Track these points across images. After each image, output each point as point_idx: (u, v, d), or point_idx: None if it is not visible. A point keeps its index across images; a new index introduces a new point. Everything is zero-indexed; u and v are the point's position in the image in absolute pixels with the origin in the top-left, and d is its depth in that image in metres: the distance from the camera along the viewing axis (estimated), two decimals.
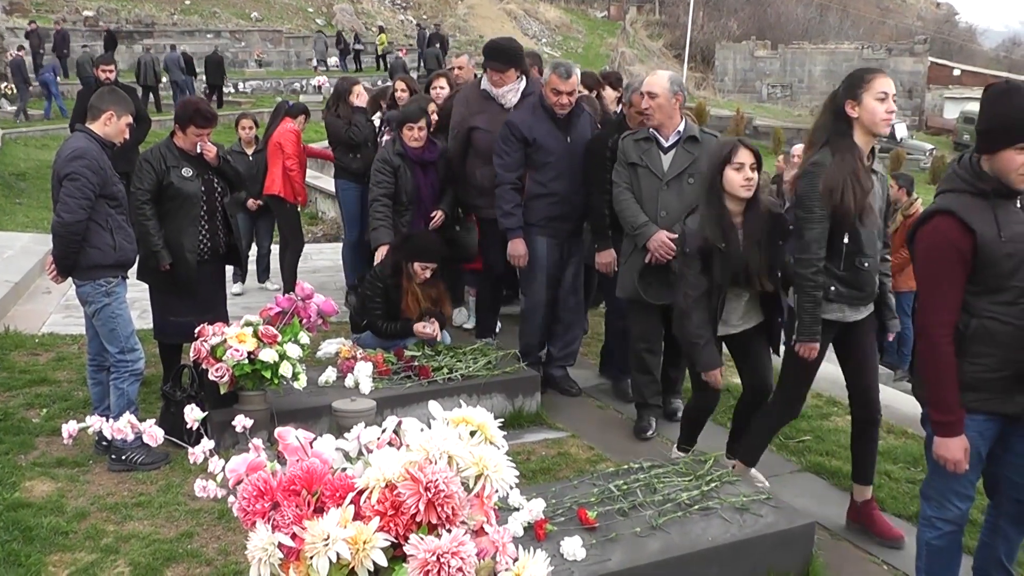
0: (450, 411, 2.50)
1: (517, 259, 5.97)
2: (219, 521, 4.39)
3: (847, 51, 46.98)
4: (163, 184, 5.56)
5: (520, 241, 5.93)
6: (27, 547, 4.13)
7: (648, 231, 5.21)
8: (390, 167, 6.55)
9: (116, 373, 5.15)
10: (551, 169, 5.87)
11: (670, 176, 5.24)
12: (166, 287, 5.69)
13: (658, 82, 5.22)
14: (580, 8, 59.14)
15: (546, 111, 5.86)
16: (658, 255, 5.18)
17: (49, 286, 9.07)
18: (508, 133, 5.89)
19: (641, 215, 5.27)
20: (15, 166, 17.09)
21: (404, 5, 49.89)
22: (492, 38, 6.76)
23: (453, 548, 2.16)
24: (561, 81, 5.74)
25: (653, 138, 5.28)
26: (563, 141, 5.88)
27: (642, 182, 5.30)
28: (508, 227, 5.95)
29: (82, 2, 36.96)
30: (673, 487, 4.07)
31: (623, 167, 5.38)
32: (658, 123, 5.23)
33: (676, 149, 5.26)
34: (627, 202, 5.33)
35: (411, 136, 6.51)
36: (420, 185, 6.61)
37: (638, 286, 5.31)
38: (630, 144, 5.36)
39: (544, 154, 5.85)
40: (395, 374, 5.68)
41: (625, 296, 5.51)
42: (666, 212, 5.22)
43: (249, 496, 2.32)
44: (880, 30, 61.62)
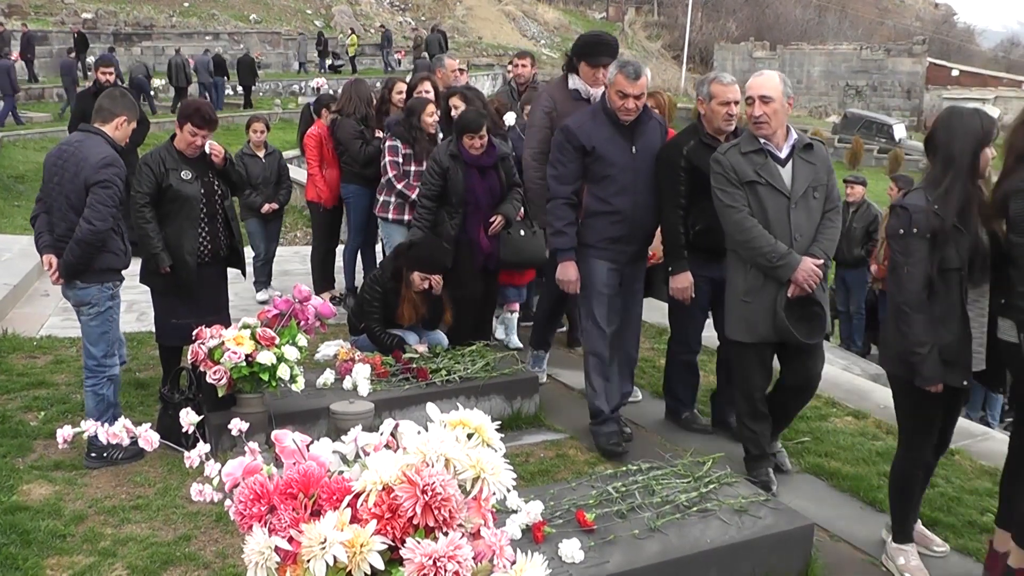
0: (447, 413, 2.49)
1: (567, 284, 5.29)
2: (217, 524, 4.38)
3: (845, 52, 47.04)
4: (162, 187, 5.55)
5: (572, 264, 5.24)
6: (25, 550, 4.13)
7: (793, 260, 4.49)
8: (439, 168, 6.24)
9: (95, 379, 5.22)
10: (613, 183, 5.15)
11: (798, 193, 4.56)
12: (167, 290, 5.70)
13: (771, 83, 4.57)
14: (579, 9, 59.18)
15: (608, 116, 5.15)
16: (806, 286, 4.53)
17: (48, 289, 9.07)
18: (564, 140, 5.18)
19: (779, 243, 4.51)
20: (13, 168, 17.09)
21: (402, 6, 49.89)
22: (588, 31, 6.16)
23: (450, 551, 2.16)
24: (629, 82, 5.01)
25: (766, 150, 4.59)
26: (627, 151, 5.16)
27: (766, 203, 4.55)
28: (559, 247, 5.28)
29: (80, 5, 36.95)
30: (671, 489, 4.06)
31: (732, 186, 4.60)
32: (773, 132, 4.57)
33: (794, 160, 4.61)
34: (756, 229, 4.54)
35: (472, 145, 6.19)
36: (475, 188, 6.24)
37: (789, 325, 4.53)
38: (739, 159, 4.60)
39: (605, 165, 5.13)
40: (393, 376, 5.67)
41: (753, 339, 4.73)
42: (800, 235, 4.56)
43: (245, 500, 2.31)
44: (878, 31, 61.66)
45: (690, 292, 5.22)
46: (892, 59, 44.83)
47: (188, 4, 40.58)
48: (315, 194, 8.20)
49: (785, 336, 4.57)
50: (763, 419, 4.89)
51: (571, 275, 5.25)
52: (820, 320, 4.64)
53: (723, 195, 4.62)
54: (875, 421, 5.95)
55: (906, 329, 3.75)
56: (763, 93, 4.53)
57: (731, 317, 4.81)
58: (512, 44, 45.59)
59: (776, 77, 4.61)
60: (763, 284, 4.60)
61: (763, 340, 4.69)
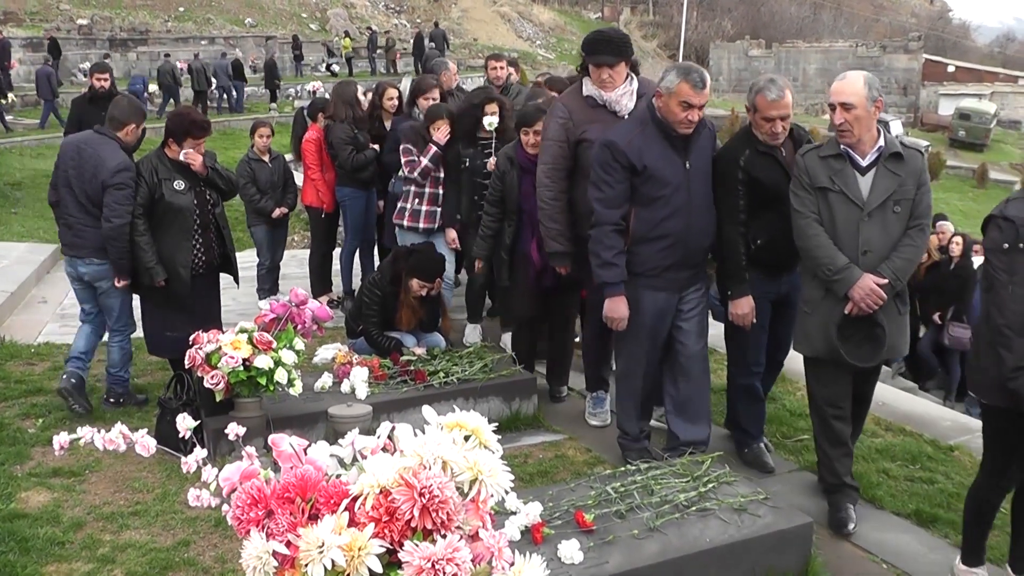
0: (444, 415, 2.49)
1: (617, 322, 4.76)
2: (216, 529, 4.38)
3: (841, 49, 47.05)
4: (155, 198, 5.56)
5: (622, 300, 4.70)
6: (23, 558, 4.12)
7: (851, 276, 4.15)
8: (499, 171, 5.94)
9: (120, 336, 5.97)
10: (665, 204, 4.61)
11: (873, 204, 4.18)
12: (162, 302, 5.73)
13: (853, 88, 4.18)
14: (574, 10, 59.18)
15: (658, 128, 4.60)
16: (863, 305, 4.17)
17: (45, 296, 9.08)
18: (610, 158, 4.60)
19: (840, 255, 4.18)
20: (10, 176, 17.07)
21: (398, 9, 49.90)
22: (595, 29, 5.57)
23: (448, 554, 2.15)
24: (696, 92, 4.49)
25: (846, 156, 4.23)
26: (681, 168, 4.63)
27: (836, 212, 4.22)
28: (607, 281, 4.70)
29: (76, 10, 36.95)
30: (670, 489, 4.06)
31: (805, 191, 4.29)
32: (857, 140, 4.19)
33: (876, 169, 4.21)
34: (819, 238, 4.23)
35: (528, 141, 5.74)
36: (530, 194, 5.55)
37: (837, 343, 4.23)
38: (816, 162, 4.28)
39: (657, 185, 4.59)
40: (391, 379, 5.67)
41: (811, 353, 4.45)
42: (869, 250, 4.19)
43: (243, 504, 2.30)
44: (874, 27, 61.70)
45: (751, 318, 4.77)
46: (888, 56, 44.84)
47: (183, 9, 40.57)
48: (316, 198, 8.18)
49: (835, 355, 4.27)
50: (839, 442, 4.46)
51: (622, 311, 4.71)
52: (878, 343, 4.25)
53: (794, 199, 4.34)
54: (874, 418, 5.94)
55: (1007, 353, 3.49)
56: (844, 100, 4.16)
57: (796, 328, 4.56)
58: (508, 45, 45.62)
59: (860, 80, 4.22)
60: (823, 297, 4.32)
61: (818, 355, 4.39)
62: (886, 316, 4.23)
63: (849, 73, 4.35)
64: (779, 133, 4.63)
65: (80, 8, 37.39)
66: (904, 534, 4.45)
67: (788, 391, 6.27)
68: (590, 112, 5.10)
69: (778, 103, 4.58)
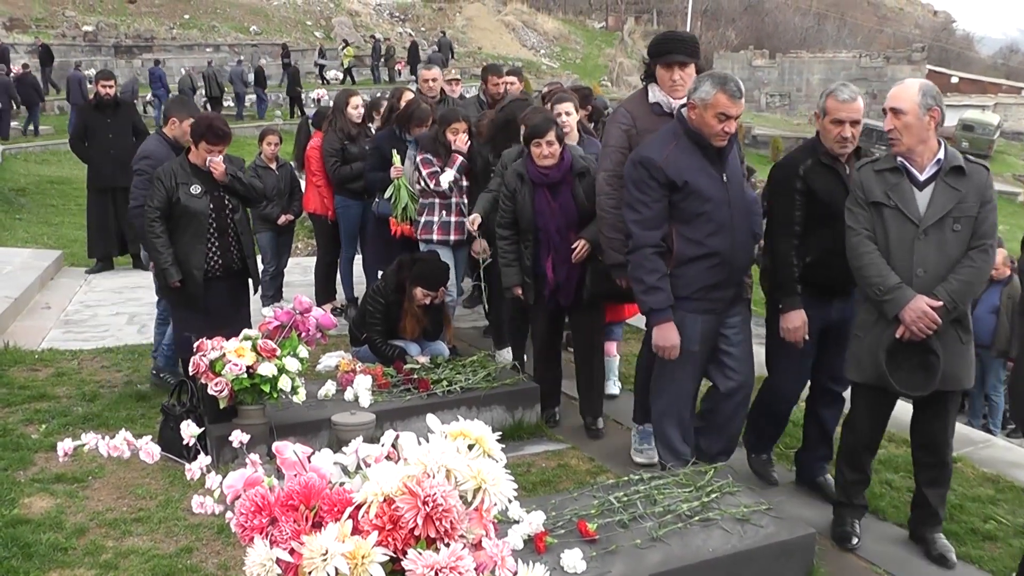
0: (448, 424, 2.49)
1: (668, 350, 4.48)
2: (219, 536, 4.37)
3: (845, 59, 47.11)
4: (172, 201, 5.68)
5: (671, 326, 4.44)
6: (26, 563, 4.12)
7: (902, 297, 3.90)
8: (508, 190, 5.57)
9: None
10: (708, 221, 4.39)
11: (929, 221, 3.93)
12: (179, 303, 5.88)
13: (906, 93, 3.98)
14: (578, 19, 59.30)
15: (692, 140, 4.39)
16: (915, 329, 3.91)
17: (49, 302, 9.09)
18: (646, 176, 4.37)
19: (891, 275, 3.94)
20: (15, 182, 17.10)
21: (402, 17, 50.03)
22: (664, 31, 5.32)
23: (451, 563, 2.16)
24: (733, 102, 4.28)
25: (903, 169, 4.00)
26: (719, 181, 4.43)
27: (890, 228, 3.98)
28: (654, 307, 4.46)
29: (82, 17, 37.08)
30: (673, 498, 4.05)
31: (860, 207, 4.05)
32: (907, 149, 3.98)
33: (935, 184, 3.97)
34: (870, 256, 4.00)
35: (540, 153, 5.36)
36: (543, 210, 5.41)
37: (885, 369, 3.97)
38: (871, 176, 4.05)
39: (698, 201, 4.37)
40: (395, 387, 5.66)
41: (859, 379, 4.21)
42: (923, 270, 3.94)
43: (247, 511, 2.31)
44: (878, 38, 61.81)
45: (803, 332, 4.50)
46: (891, 67, 44.88)
47: (188, 16, 40.70)
48: (320, 206, 8.19)
49: (884, 382, 4.02)
50: (860, 470, 4.39)
51: (672, 338, 4.45)
52: (932, 372, 3.96)
53: (848, 215, 4.10)
54: None
55: None
56: (894, 105, 3.97)
57: (848, 353, 4.29)
58: (512, 54, 45.71)
59: (914, 87, 4.01)
60: (876, 320, 4.07)
61: (867, 381, 4.15)
62: (943, 343, 3.96)
63: (908, 79, 4.19)
64: (848, 139, 4.39)
65: (85, 15, 37.54)
66: (906, 545, 4.44)
67: None
68: (655, 120, 4.83)
69: (849, 104, 4.37)
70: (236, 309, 5.99)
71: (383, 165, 7.14)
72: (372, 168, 7.36)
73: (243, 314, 6.04)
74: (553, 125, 5.41)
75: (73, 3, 38.23)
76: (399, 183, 7.00)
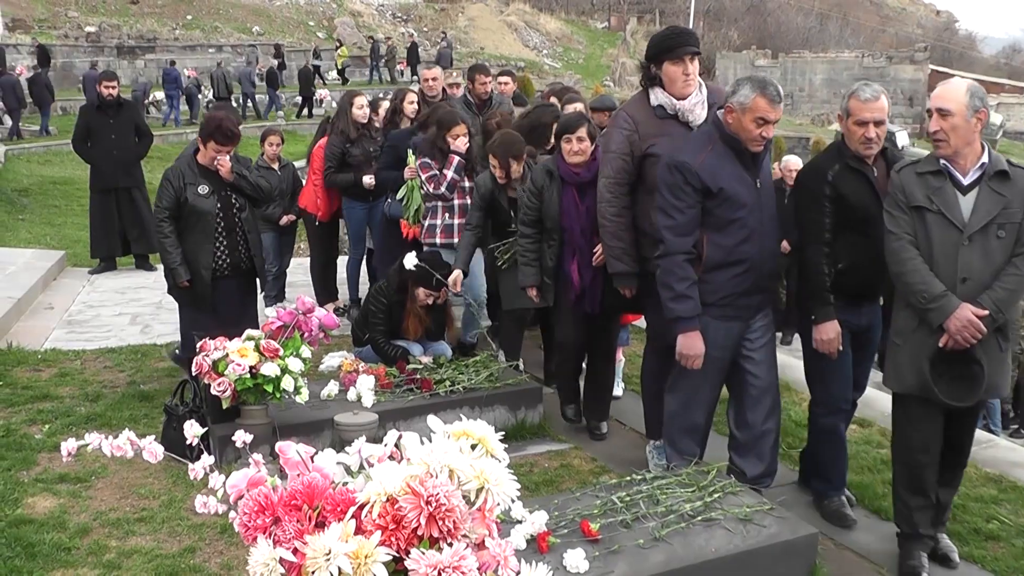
0: (451, 424, 2.49)
1: (693, 360, 4.35)
2: (222, 536, 4.38)
3: (847, 59, 47.08)
4: (180, 201, 5.73)
5: (697, 335, 4.31)
6: (29, 563, 4.13)
7: (948, 305, 3.77)
8: (535, 187, 5.42)
9: None
10: (740, 228, 4.27)
11: (974, 227, 3.79)
12: (187, 302, 5.93)
13: (952, 94, 3.85)
14: (581, 19, 59.28)
15: (728, 145, 4.26)
16: (959, 338, 3.78)
17: (52, 302, 9.10)
18: (681, 181, 4.23)
19: (936, 282, 3.80)
20: (18, 182, 17.12)
21: (405, 17, 50.05)
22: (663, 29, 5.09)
23: (454, 562, 2.16)
24: (772, 107, 4.16)
25: (946, 172, 3.86)
26: (753, 187, 4.30)
27: (933, 234, 3.84)
28: (682, 315, 4.30)
29: (84, 18, 37.13)
30: (676, 498, 4.05)
31: (901, 211, 3.91)
32: (953, 151, 3.84)
33: (979, 188, 3.83)
34: (914, 262, 3.85)
35: (570, 149, 5.25)
36: (570, 210, 5.29)
37: (930, 379, 3.84)
38: (912, 179, 3.90)
39: (732, 207, 4.25)
40: (397, 387, 5.67)
41: (901, 389, 4.06)
42: (968, 277, 3.81)
43: (250, 511, 2.31)
44: (880, 38, 61.73)
45: (838, 343, 4.34)
46: (894, 66, 44.85)
47: (191, 17, 40.75)
48: (313, 205, 8.17)
49: (928, 392, 3.89)
50: (921, 492, 4.11)
51: (698, 348, 4.32)
52: (976, 382, 3.85)
53: (888, 219, 3.95)
54: (880, 429, 5.93)
55: None
56: (941, 106, 3.82)
57: (886, 361, 4.13)
58: (514, 55, 45.73)
59: (962, 87, 3.87)
60: (916, 328, 3.93)
61: (909, 391, 4.00)
62: (985, 352, 3.85)
63: (954, 79, 4.03)
64: (872, 140, 4.23)
65: (88, 15, 37.59)
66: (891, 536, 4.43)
67: (794, 401, 6.26)
68: (658, 124, 4.71)
69: (872, 104, 4.20)
70: (244, 308, 6.02)
71: (397, 164, 7.09)
72: (385, 166, 7.30)
73: (251, 313, 6.07)
74: (586, 122, 5.30)
75: (76, 4, 38.28)
76: (412, 184, 6.95)
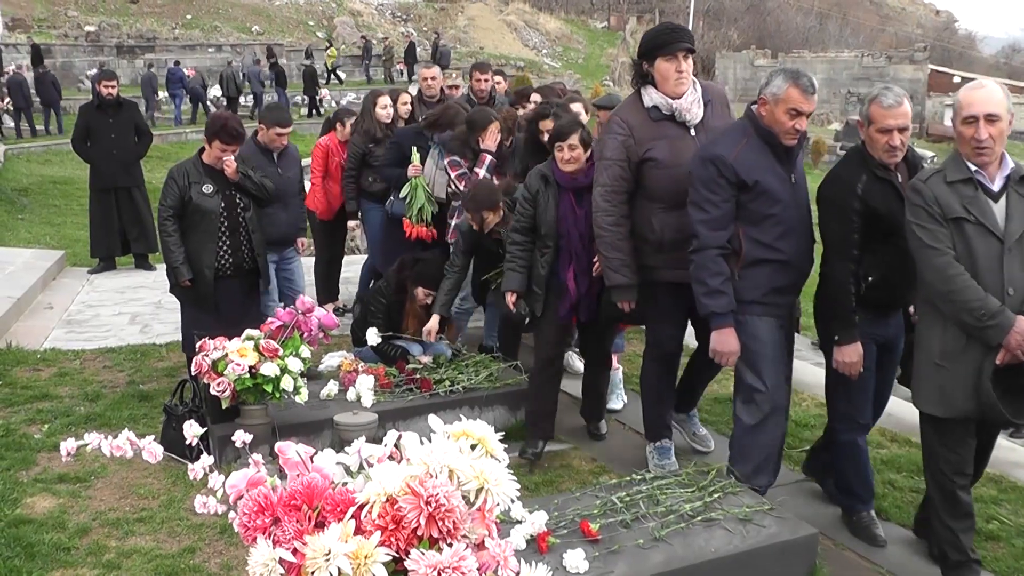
0: (451, 424, 2.49)
1: (727, 356, 4.29)
2: (221, 536, 4.38)
3: (847, 59, 47.07)
4: (184, 200, 5.76)
5: (731, 332, 4.24)
6: (29, 563, 4.12)
7: (1006, 322, 3.56)
8: (529, 192, 5.19)
9: None
10: (777, 223, 4.20)
11: (1014, 235, 3.63)
12: (189, 301, 5.94)
13: (998, 96, 3.64)
14: (580, 19, 59.27)
15: (763, 138, 4.20)
16: (1020, 352, 3.60)
17: (51, 302, 9.10)
18: (715, 175, 4.16)
19: (990, 298, 3.59)
20: (17, 181, 17.12)
21: (405, 17, 50.04)
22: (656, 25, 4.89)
23: (454, 563, 2.16)
24: (806, 98, 4.11)
25: (975, 180, 3.68)
26: (788, 182, 4.24)
27: (975, 246, 3.64)
28: (716, 311, 4.22)
29: (84, 17, 37.12)
30: (676, 498, 4.05)
31: (935, 223, 3.66)
32: (994, 160, 3.69)
33: (1007, 195, 3.68)
34: (964, 278, 3.61)
35: (562, 157, 5.03)
36: (567, 216, 5.08)
37: (995, 400, 3.60)
38: (943, 189, 3.68)
39: (767, 202, 4.18)
40: (397, 387, 5.67)
41: (947, 414, 3.80)
42: (1013, 288, 3.63)
43: (249, 512, 2.31)
44: (880, 38, 61.76)
45: (860, 367, 4.18)
46: (894, 66, 44.87)
47: (191, 16, 40.74)
48: (313, 203, 8.14)
49: (991, 413, 3.67)
50: (966, 515, 3.92)
51: (732, 345, 4.24)
52: None
53: (922, 232, 3.69)
54: (880, 429, 5.92)
55: None
56: (990, 111, 3.60)
57: (922, 385, 3.89)
58: (514, 54, 45.72)
59: (999, 89, 3.68)
60: (964, 347, 3.69)
61: (957, 415, 3.78)
62: None
63: (986, 81, 3.80)
64: (897, 148, 4.03)
65: (88, 15, 37.59)
66: (909, 545, 4.44)
67: (794, 401, 6.24)
68: (654, 127, 4.60)
69: (896, 110, 3.99)
70: (246, 308, 6.01)
71: (401, 161, 7.01)
72: (389, 163, 7.18)
73: (253, 313, 6.07)
74: (579, 128, 5.05)
75: (75, 3, 38.28)
76: (416, 182, 6.87)
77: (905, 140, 4.05)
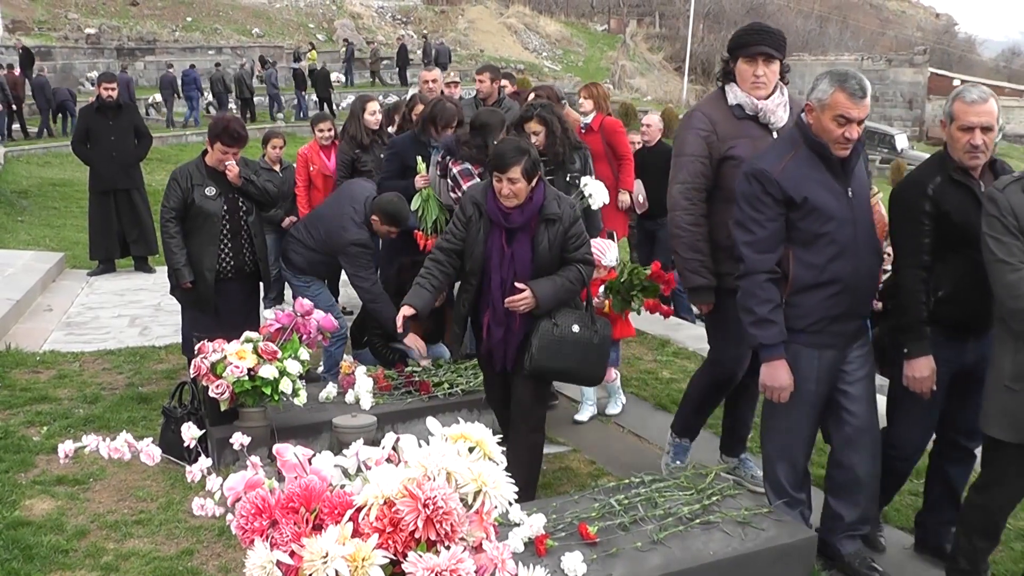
0: (449, 427, 2.49)
1: (779, 392, 3.90)
2: (219, 538, 4.38)
3: (847, 62, 47.05)
4: (187, 202, 5.78)
5: (783, 365, 3.85)
6: (27, 566, 4.12)
7: None
8: (464, 216, 4.46)
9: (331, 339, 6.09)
10: (831, 243, 3.78)
11: None
12: (190, 303, 5.96)
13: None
14: (580, 22, 59.31)
15: (813, 149, 3.80)
16: None
17: (51, 304, 9.10)
18: (760, 191, 3.79)
19: None
20: (17, 184, 17.13)
21: (404, 20, 50.06)
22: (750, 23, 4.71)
23: (452, 565, 2.16)
24: (854, 103, 3.68)
25: None
26: (844, 196, 3.81)
27: None
28: (765, 342, 3.85)
29: (84, 19, 37.14)
30: (674, 501, 4.05)
31: (1010, 235, 3.39)
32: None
33: None
34: None
35: (499, 190, 4.25)
36: (492, 255, 4.36)
37: None
38: (1020, 198, 3.40)
39: (819, 220, 3.77)
40: (396, 389, 5.67)
41: (997, 434, 3.58)
42: None
43: (247, 514, 2.31)
44: (880, 41, 61.81)
45: (931, 383, 3.87)
46: (894, 69, 44.91)
47: (191, 19, 40.76)
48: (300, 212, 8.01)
49: None
50: (996, 538, 3.83)
51: (783, 379, 3.86)
52: None
53: (995, 245, 3.41)
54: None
55: None
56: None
57: (990, 406, 3.61)
58: (514, 57, 45.74)
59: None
60: None
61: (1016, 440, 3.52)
62: None
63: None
64: (979, 148, 3.74)
65: (88, 17, 37.59)
66: (908, 548, 4.43)
67: None
68: (737, 125, 4.33)
69: (980, 107, 3.71)
70: (247, 311, 6.03)
71: (404, 173, 6.47)
72: (389, 175, 6.59)
73: (254, 316, 6.08)
74: (523, 157, 4.21)
75: (76, 5, 38.28)
76: (426, 193, 6.29)
77: (989, 143, 3.78)
